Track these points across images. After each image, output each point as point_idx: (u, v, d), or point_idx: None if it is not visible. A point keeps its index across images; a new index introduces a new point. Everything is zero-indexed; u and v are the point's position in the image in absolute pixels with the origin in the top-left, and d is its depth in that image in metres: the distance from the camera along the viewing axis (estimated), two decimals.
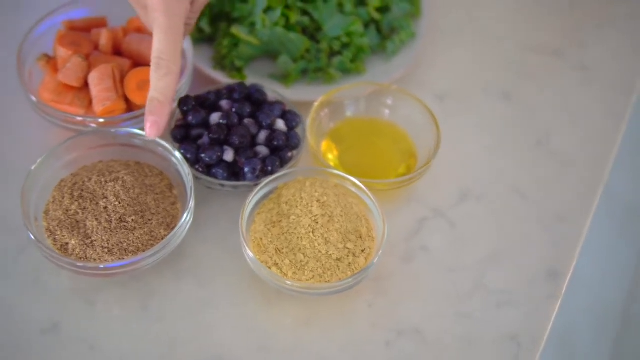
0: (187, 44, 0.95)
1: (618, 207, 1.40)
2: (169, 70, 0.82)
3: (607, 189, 0.94)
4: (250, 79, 0.98)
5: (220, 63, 0.99)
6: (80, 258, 0.82)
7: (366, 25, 1.03)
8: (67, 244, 0.83)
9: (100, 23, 0.96)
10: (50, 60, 0.92)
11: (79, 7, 0.98)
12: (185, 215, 0.83)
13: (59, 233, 0.83)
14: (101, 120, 0.88)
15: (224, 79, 0.97)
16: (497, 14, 1.13)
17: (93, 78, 0.88)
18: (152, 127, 0.83)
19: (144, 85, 0.89)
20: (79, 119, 0.88)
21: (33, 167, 0.84)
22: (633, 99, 1.05)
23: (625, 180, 1.43)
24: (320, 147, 0.93)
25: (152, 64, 0.82)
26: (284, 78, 0.99)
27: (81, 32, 0.95)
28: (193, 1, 0.86)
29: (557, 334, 0.86)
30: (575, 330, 1.29)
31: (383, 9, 1.04)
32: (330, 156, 0.93)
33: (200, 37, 1.01)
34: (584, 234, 0.92)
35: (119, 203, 0.84)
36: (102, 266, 0.80)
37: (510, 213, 0.93)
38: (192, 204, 0.84)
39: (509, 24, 1.13)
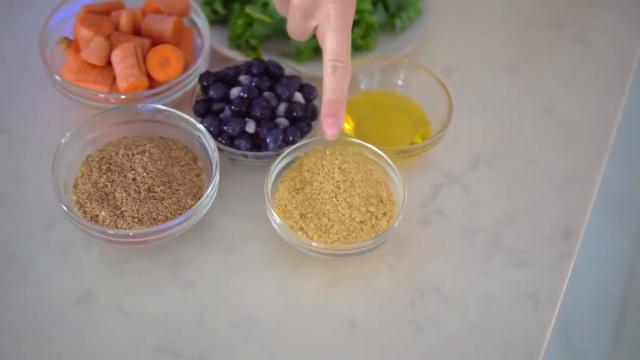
0: (204, 25, 0.98)
1: (615, 194, 1.43)
2: (346, 71, 0.84)
3: (603, 178, 0.98)
4: (265, 58, 1.01)
5: (236, 42, 1.02)
6: (111, 228, 0.84)
7: (374, 3, 1.06)
8: (97, 215, 0.85)
9: (118, 6, 0.99)
10: (71, 43, 0.95)
11: None
12: (211, 185, 0.85)
13: (88, 205, 0.85)
14: (124, 96, 0.91)
15: (239, 58, 1.00)
16: None
17: (116, 56, 0.91)
18: (333, 127, 0.86)
19: (166, 62, 0.92)
20: (102, 95, 0.91)
21: (62, 141, 0.87)
22: (633, 68, 1.09)
23: (622, 170, 1.47)
24: None
25: (328, 66, 0.84)
26: (297, 55, 1.02)
27: (100, 15, 0.97)
28: None
29: (558, 320, 0.89)
30: (577, 316, 1.32)
31: None
32: (347, 128, 0.96)
33: (215, 19, 1.04)
34: (594, 193, 0.96)
35: (147, 174, 0.86)
36: (132, 233, 0.83)
37: (521, 177, 0.97)
38: (217, 174, 0.86)
39: (511, 1, 1.16)
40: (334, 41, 0.84)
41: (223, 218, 0.90)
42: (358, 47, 1.03)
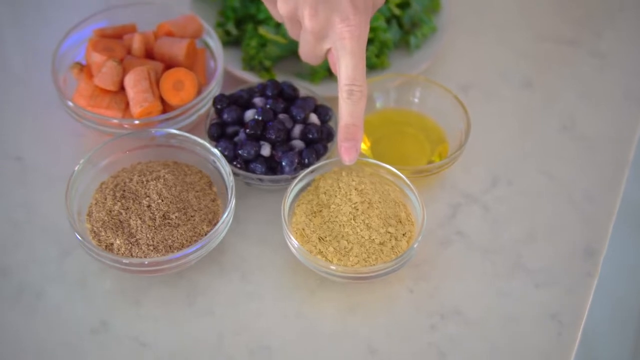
0: (217, 47, 0.97)
1: (636, 207, 1.40)
2: (362, 95, 0.83)
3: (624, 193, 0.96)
4: (279, 78, 1.00)
5: (249, 64, 1.00)
6: (126, 257, 0.83)
7: (388, 21, 1.05)
8: (111, 244, 0.84)
9: (130, 30, 0.98)
10: (83, 68, 0.94)
11: (106, 16, 1.00)
12: (227, 211, 0.84)
13: (103, 234, 0.84)
14: (137, 122, 0.90)
15: (253, 80, 0.99)
16: (514, 6, 1.16)
17: (129, 80, 0.90)
18: (351, 152, 0.84)
19: (180, 85, 0.91)
20: (115, 121, 0.90)
21: (76, 168, 0.86)
22: None
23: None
24: None
25: (344, 91, 0.83)
26: (312, 76, 1.01)
27: (112, 39, 0.97)
28: None
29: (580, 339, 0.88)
30: (597, 332, 1.30)
31: (403, 5, 1.06)
32: (363, 147, 0.95)
33: (228, 40, 1.03)
34: (615, 212, 0.94)
35: (162, 201, 0.85)
36: (147, 262, 0.81)
37: (541, 195, 0.95)
38: (233, 199, 0.85)
39: (525, 15, 1.15)
40: (349, 65, 0.83)
41: (239, 243, 0.89)
42: (372, 65, 1.02)
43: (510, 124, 1.02)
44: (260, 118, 0.89)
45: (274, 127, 0.89)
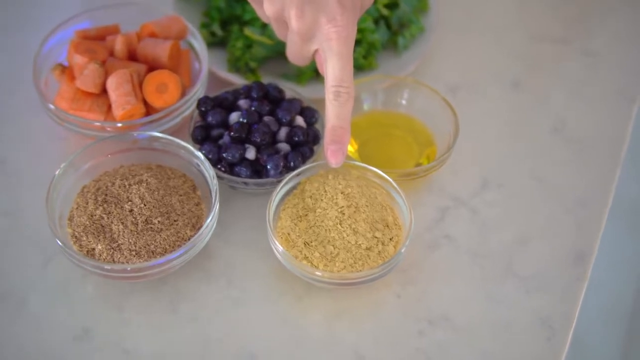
0: (201, 48, 0.95)
1: (627, 207, 1.39)
2: (349, 97, 0.82)
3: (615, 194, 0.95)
4: (265, 80, 0.99)
5: (235, 65, 0.99)
6: (108, 262, 0.81)
7: (376, 22, 1.03)
8: (93, 249, 0.82)
9: (113, 31, 0.96)
10: (65, 70, 0.92)
11: (89, 17, 0.99)
12: (210, 215, 0.83)
13: (84, 239, 0.83)
14: (120, 125, 0.88)
15: (239, 81, 0.97)
16: (503, 5, 1.14)
17: (111, 83, 0.88)
18: (337, 155, 0.83)
19: (163, 87, 0.89)
20: (98, 124, 0.88)
21: (56, 173, 0.84)
22: None
23: (635, 182, 1.43)
24: None
25: (330, 92, 0.81)
26: (298, 77, 0.99)
27: (95, 40, 0.95)
28: None
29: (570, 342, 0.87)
30: (587, 333, 1.28)
31: (391, 5, 1.05)
32: (350, 150, 0.93)
33: (213, 41, 1.01)
34: (606, 215, 0.93)
35: (145, 205, 0.84)
36: (129, 268, 0.80)
37: (531, 199, 0.94)
38: (217, 203, 0.84)
39: (513, 14, 1.13)
40: (336, 66, 0.81)
41: (224, 248, 0.88)
42: (360, 66, 1.00)
43: (500, 125, 1.01)
44: (245, 121, 0.88)
45: (259, 130, 0.87)
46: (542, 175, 0.96)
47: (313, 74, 0.99)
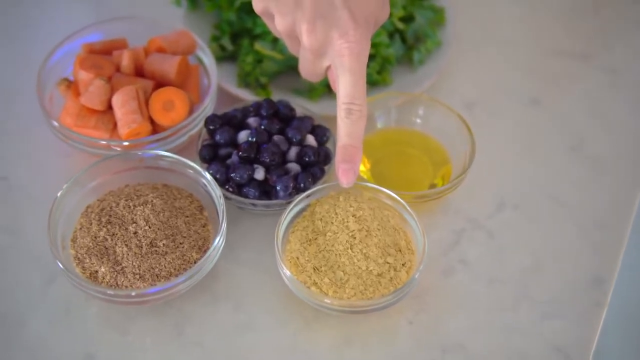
0: (211, 64, 0.93)
1: None
2: (361, 114, 0.79)
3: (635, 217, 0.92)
4: (276, 95, 0.96)
5: (245, 80, 0.96)
6: (111, 286, 0.79)
7: (390, 35, 1.01)
8: (96, 271, 0.80)
9: (121, 45, 0.94)
10: (71, 85, 0.90)
11: (97, 30, 0.96)
12: (217, 238, 0.80)
13: (87, 261, 0.81)
14: (126, 143, 0.86)
15: (249, 97, 0.95)
16: (521, 20, 1.11)
17: (117, 100, 0.86)
18: (348, 174, 0.80)
19: (170, 105, 0.87)
20: (103, 142, 0.86)
21: (58, 194, 0.82)
22: None
23: None
24: None
25: (342, 109, 0.79)
26: (310, 92, 0.97)
27: (101, 54, 0.93)
28: None
29: None
30: (605, 356, 1.23)
31: (407, 19, 1.02)
32: (362, 169, 0.91)
33: (223, 55, 0.99)
34: (626, 238, 0.90)
35: (149, 227, 0.81)
36: (134, 293, 0.78)
37: (548, 221, 0.91)
38: (224, 225, 0.81)
39: (533, 29, 1.10)
40: (349, 83, 0.78)
41: (232, 270, 0.85)
42: (374, 82, 0.98)
43: (517, 144, 0.98)
44: (254, 140, 0.85)
45: (268, 149, 0.84)
46: (560, 195, 0.93)
47: (325, 89, 0.96)
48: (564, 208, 0.92)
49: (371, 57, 0.97)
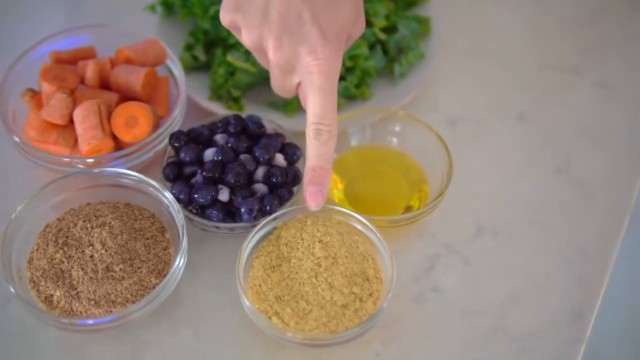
0: (180, 76, 0.89)
1: (635, 257, 1.28)
2: (331, 135, 0.75)
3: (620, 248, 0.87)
4: (249, 108, 0.92)
5: (216, 93, 0.93)
6: (66, 311, 0.76)
7: (371, 47, 0.96)
8: (51, 295, 0.77)
9: (89, 53, 0.90)
10: (35, 95, 0.87)
11: (67, 37, 0.93)
12: (177, 262, 0.77)
13: (43, 284, 0.78)
14: (90, 160, 0.83)
15: (220, 110, 0.91)
16: (511, 31, 1.06)
17: (77, 115, 0.82)
18: (317, 197, 0.76)
19: (133, 121, 0.83)
20: (66, 159, 0.83)
21: (13, 216, 0.79)
22: None
23: None
24: None
25: (311, 130, 0.75)
26: (285, 107, 0.93)
27: (68, 63, 0.89)
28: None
29: None
30: None
31: (389, 29, 0.98)
32: (335, 190, 0.87)
33: (195, 65, 0.95)
34: (610, 268, 0.85)
35: (106, 251, 0.78)
36: (88, 322, 0.74)
37: (529, 248, 0.87)
38: (184, 248, 0.78)
39: (523, 40, 1.05)
40: (317, 102, 0.74)
41: (194, 294, 0.82)
42: (352, 96, 0.93)
43: (500, 163, 0.93)
44: (219, 159, 0.82)
45: (233, 170, 0.81)
46: (542, 221, 0.89)
47: (300, 104, 0.92)
48: (547, 234, 0.88)
49: (350, 70, 0.93)
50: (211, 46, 0.96)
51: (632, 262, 1.19)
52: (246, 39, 0.76)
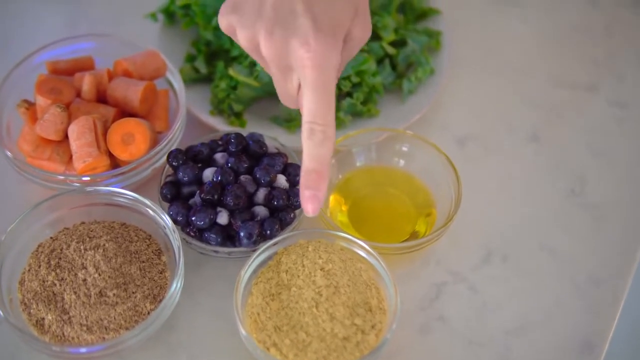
0: (180, 89, 0.86)
1: None
2: (326, 136, 0.69)
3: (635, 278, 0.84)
4: (251, 124, 0.89)
5: (218, 107, 0.89)
6: (57, 336, 0.73)
7: (379, 61, 0.93)
8: (43, 319, 0.74)
9: (87, 64, 0.87)
10: (31, 107, 0.84)
11: (66, 45, 0.90)
12: (173, 287, 0.74)
13: (34, 307, 0.75)
14: (85, 178, 0.80)
15: (221, 126, 0.88)
16: (524, 46, 1.03)
17: (72, 131, 0.79)
18: (313, 202, 0.70)
19: (129, 138, 0.80)
20: (60, 177, 0.80)
21: (3, 237, 0.76)
22: None
23: None
24: (327, 203, 0.84)
25: (305, 129, 0.69)
26: (288, 122, 0.90)
27: (65, 74, 0.86)
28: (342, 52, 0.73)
29: None
30: None
31: (398, 43, 0.94)
32: (339, 213, 0.84)
33: (196, 78, 0.92)
34: (624, 298, 0.82)
35: (99, 275, 0.75)
36: (83, 350, 0.72)
37: (539, 275, 0.83)
38: (181, 271, 0.75)
39: (537, 56, 1.02)
40: (311, 99, 0.69)
41: (190, 318, 0.79)
42: (358, 113, 0.90)
43: (510, 185, 0.90)
44: (218, 180, 0.79)
45: (232, 192, 0.78)
46: (553, 247, 0.85)
47: None
48: (558, 261, 0.84)
49: (356, 86, 0.90)
50: (213, 57, 0.93)
51: None
52: (241, 38, 0.72)
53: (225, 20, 0.72)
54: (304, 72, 0.68)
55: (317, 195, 0.70)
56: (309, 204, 0.71)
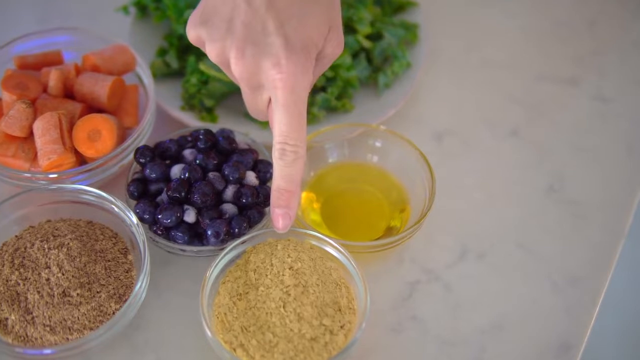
0: (149, 84, 0.84)
1: (628, 286, 1.21)
2: (297, 156, 0.70)
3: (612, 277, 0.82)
4: (223, 119, 0.88)
5: (189, 102, 0.88)
6: (20, 336, 0.72)
7: (355, 55, 0.91)
8: (6, 319, 0.73)
9: (55, 58, 0.86)
10: None
11: (35, 39, 0.89)
12: (137, 286, 0.73)
13: None
14: (52, 175, 0.78)
15: (192, 121, 0.86)
16: (505, 38, 1.01)
17: (37, 128, 0.78)
18: (284, 219, 0.73)
19: (96, 135, 0.79)
20: (26, 175, 0.78)
21: None
22: None
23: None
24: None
25: (276, 149, 0.70)
26: None
27: (33, 69, 0.85)
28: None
29: None
30: None
31: (374, 36, 0.92)
32: (311, 211, 0.82)
33: (168, 72, 0.90)
34: (600, 298, 0.81)
35: (62, 274, 0.74)
36: (47, 351, 0.70)
37: (516, 274, 0.82)
38: (147, 270, 0.73)
39: (517, 50, 1.00)
40: (282, 119, 0.69)
41: (157, 317, 0.78)
42: (333, 108, 0.89)
43: (488, 181, 0.88)
44: (185, 177, 0.77)
45: (199, 190, 0.76)
46: (530, 244, 0.84)
47: None
48: (534, 259, 0.83)
49: (331, 80, 0.88)
50: (186, 52, 0.91)
51: (624, 291, 1.13)
52: (211, 52, 0.71)
53: (194, 32, 0.72)
54: (275, 93, 0.68)
55: (289, 213, 0.72)
56: (279, 221, 0.72)
